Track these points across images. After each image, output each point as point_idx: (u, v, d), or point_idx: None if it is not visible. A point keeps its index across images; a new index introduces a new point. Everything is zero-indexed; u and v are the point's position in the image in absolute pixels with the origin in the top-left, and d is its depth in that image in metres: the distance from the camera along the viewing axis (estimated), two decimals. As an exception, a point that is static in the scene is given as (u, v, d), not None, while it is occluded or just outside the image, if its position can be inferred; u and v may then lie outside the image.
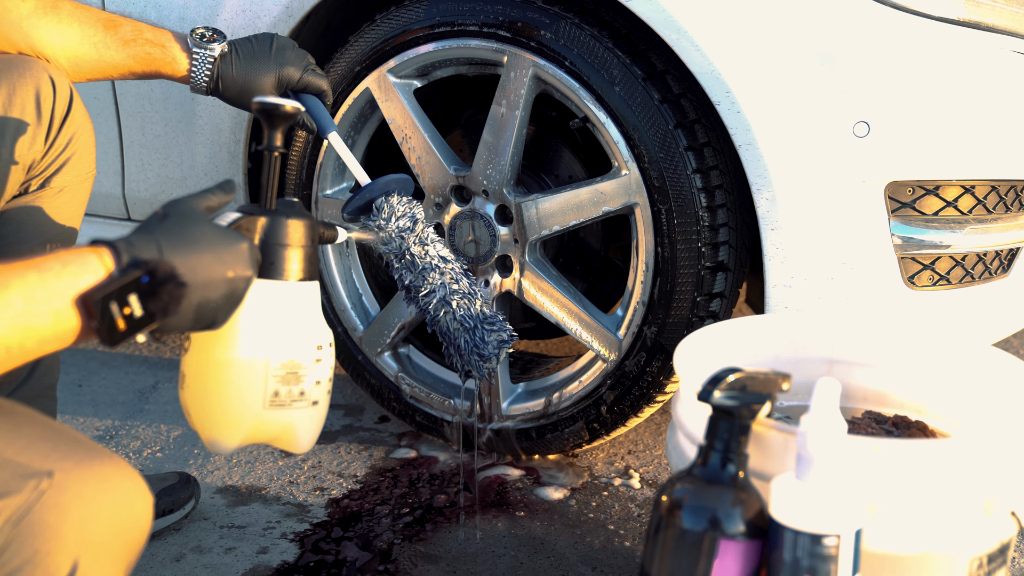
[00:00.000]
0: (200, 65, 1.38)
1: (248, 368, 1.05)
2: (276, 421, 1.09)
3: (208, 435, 1.09)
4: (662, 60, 1.54)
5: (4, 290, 0.79)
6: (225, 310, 0.94)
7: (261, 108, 1.10)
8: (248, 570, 1.52)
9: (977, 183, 1.50)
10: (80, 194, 1.36)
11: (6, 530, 0.80)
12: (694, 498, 0.96)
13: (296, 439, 1.12)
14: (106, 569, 0.84)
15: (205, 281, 0.90)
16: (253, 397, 1.06)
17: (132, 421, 2.00)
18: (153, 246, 0.87)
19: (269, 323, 1.06)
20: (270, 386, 1.06)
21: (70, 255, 0.84)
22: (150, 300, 0.85)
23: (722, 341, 1.29)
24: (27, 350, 0.81)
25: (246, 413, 1.07)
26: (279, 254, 1.07)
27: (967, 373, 1.28)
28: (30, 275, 0.81)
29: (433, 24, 1.65)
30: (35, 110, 1.26)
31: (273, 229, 1.06)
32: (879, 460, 0.98)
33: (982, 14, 1.47)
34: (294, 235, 1.08)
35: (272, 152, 1.12)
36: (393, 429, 1.97)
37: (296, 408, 1.09)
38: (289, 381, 1.07)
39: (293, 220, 1.08)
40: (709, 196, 1.53)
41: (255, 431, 1.09)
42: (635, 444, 1.91)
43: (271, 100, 1.09)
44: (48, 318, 0.81)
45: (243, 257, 0.94)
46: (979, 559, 1.02)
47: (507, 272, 1.73)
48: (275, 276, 1.06)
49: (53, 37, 1.31)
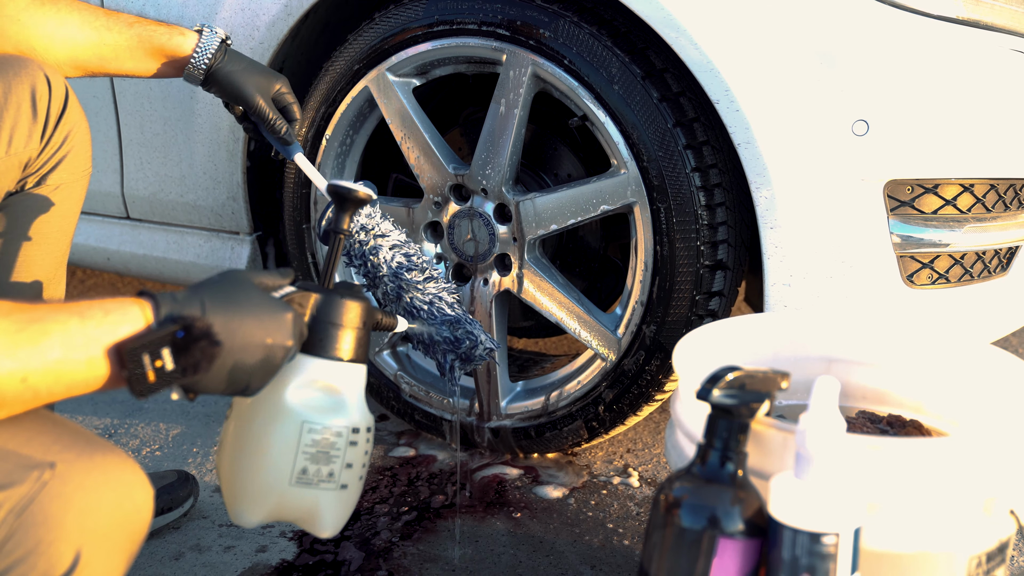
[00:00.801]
0: (206, 46, 1.39)
1: (278, 440, 1.04)
2: (301, 499, 1.07)
3: (232, 504, 1.08)
4: (661, 58, 1.54)
5: (44, 336, 0.80)
6: (259, 376, 0.93)
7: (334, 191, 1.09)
8: (247, 568, 1.52)
9: (976, 182, 1.50)
10: (76, 192, 1.36)
11: (9, 520, 0.81)
12: (693, 496, 0.96)
13: (320, 521, 1.09)
14: (108, 559, 0.85)
15: (242, 344, 0.90)
16: (280, 471, 1.05)
17: (131, 420, 2.00)
18: (197, 303, 0.88)
19: (308, 399, 1.05)
20: (299, 463, 1.05)
21: (113, 303, 0.85)
22: (182, 355, 0.86)
23: (721, 340, 1.29)
24: (54, 393, 0.82)
25: (272, 487, 1.05)
26: (329, 332, 1.05)
27: (966, 372, 1.27)
28: (72, 321, 0.82)
29: (432, 23, 1.65)
30: (31, 107, 1.26)
31: (327, 307, 1.05)
32: (878, 459, 0.98)
33: (981, 13, 1.47)
34: (348, 316, 1.06)
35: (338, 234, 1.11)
36: (392, 428, 1.97)
37: (323, 488, 1.06)
38: (319, 460, 1.05)
39: (348, 301, 1.06)
40: (708, 194, 1.53)
41: (279, 507, 1.07)
42: (634, 443, 1.91)
43: (345, 184, 1.09)
44: (82, 365, 0.82)
45: (286, 327, 0.94)
46: (978, 558, 1.02)
47: (506, 271, 1.73)
48: (322, 353, 1.05)
49: (51, 27, 1.31)
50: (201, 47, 1.39)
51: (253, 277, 0.98)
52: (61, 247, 1.36)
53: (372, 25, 1.71)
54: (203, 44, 1.39)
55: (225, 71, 1.40)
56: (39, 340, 0.80)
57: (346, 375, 1.07)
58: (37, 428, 0.87)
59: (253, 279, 0.97)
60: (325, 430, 1.05)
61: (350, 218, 1.11)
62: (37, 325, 0.80)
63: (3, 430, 0.85)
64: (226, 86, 1.41)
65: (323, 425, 1.05)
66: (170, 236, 2.05)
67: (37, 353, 0.79)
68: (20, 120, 1.25)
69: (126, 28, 1.36)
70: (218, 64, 1.40)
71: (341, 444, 1.06)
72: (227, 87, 1.41)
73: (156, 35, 1.38)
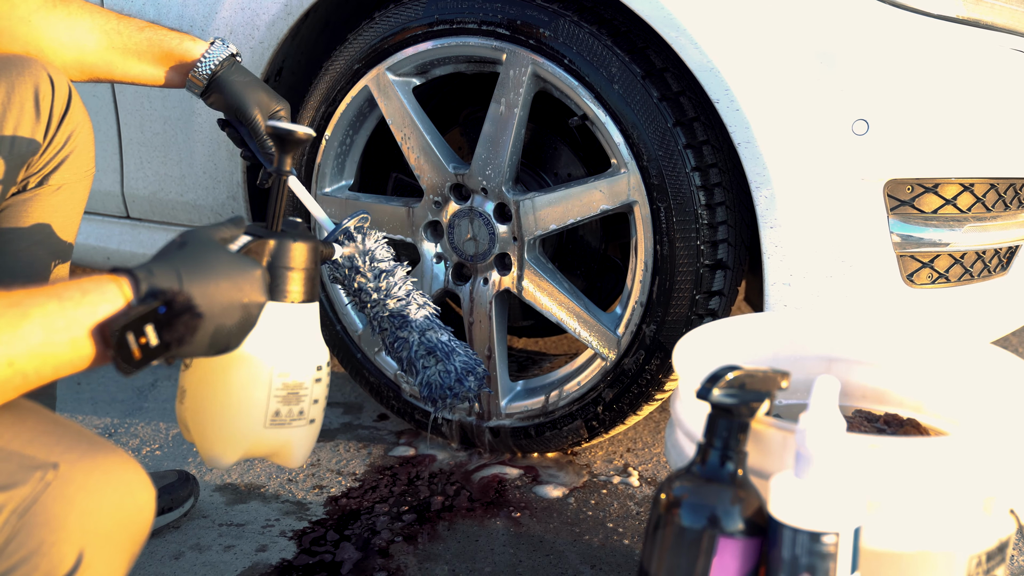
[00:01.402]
0: (215, 53, 1.39)
1: (250, 388, 1.08)
2: (275, 438, 1.11)
3: (207, 451, 1.11)
4: (661, 58, 1.54)
5: (24, 320, 0.80)
6: (238, 335, 0.94)
7: (274, 132, 1.11)
8: (247, 568, 1.52)
9: (976, 181, 1.50)
10: (79, 192, 1.36)
11: (12, 521, 0.81)
12: (693, 496, 0.96)
13: (292, 455, 1.14)
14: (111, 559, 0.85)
15: (221, 310, 0.91)
16: (254, 416, 1.08)
17: (131, 419, 2.00)
18: (173, 275, 0.88)
19: (272, 344, 1.08)
20: (271, 406, 1.09)
21: (90, 283, 0.85)
22: (166, 330, 0.86)
23: (721, 339, 1.29)
24: (43, 376, 0.82)
25: (247, 431, 1.09)
26: (284, 276, 1.09)
27: (966, 371, 1.27)
28: (50, 304, 0.82)
29: (432, 22, 1.65)
30: (34, 107, 1.26)
31: (280, 252, 1.09)
32: (878, 458, 0.98)
33: (981, 12, 1.47)
34: (299, 258, 1.10)
35: (282, 176, 1.14)
36: (392, 427, 1.97)
37: (295, 426, 1.11)
38: (290, 401, 1.09)
39: (298, 243, 1.10)
40: (708, 194, 1.53)
41: (253, 447, 1.11)
42: (634, 442, 1.91)
43: (284, 125, 1.11)
44: (66, 347, 0.82)
45: (257, 283, 0.95)
46: (978, 557, 1.02)
47: (506, 270, 1.73)
48: (280, 298, 1.09)
49: (61, 29, 1.32)
50: (209, 53, 1.39)
51: (214, 234, 0.98)
52: (64, 247, 1.36)
53: (372, 24, 1.71)
54: (212, 51, 1.39)
55: (228, 79, 1.39)
56: (20, 324, 0.80)
57: (305, 315, 1.11)
58: (40, 429, 0.87)
59: (215, 236, 0.98)
60: (293, 373, 1.09)
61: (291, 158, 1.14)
62: (15, 309, 0.80)
63: (5, 431, 0.85)
64: (227, 95, 1.39)
65: (291, 368, 1.09)
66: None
67: (19, 337, 0.80)
68: (23, 120, 1.25)
69: (136, 32, 1.37)
70: (223, 72, 1.39)
71: (308, 383, 1.10)
72: (228, 96, 1.39)
73: (167, 39, 1.38)
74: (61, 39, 1.32)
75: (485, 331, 1.76)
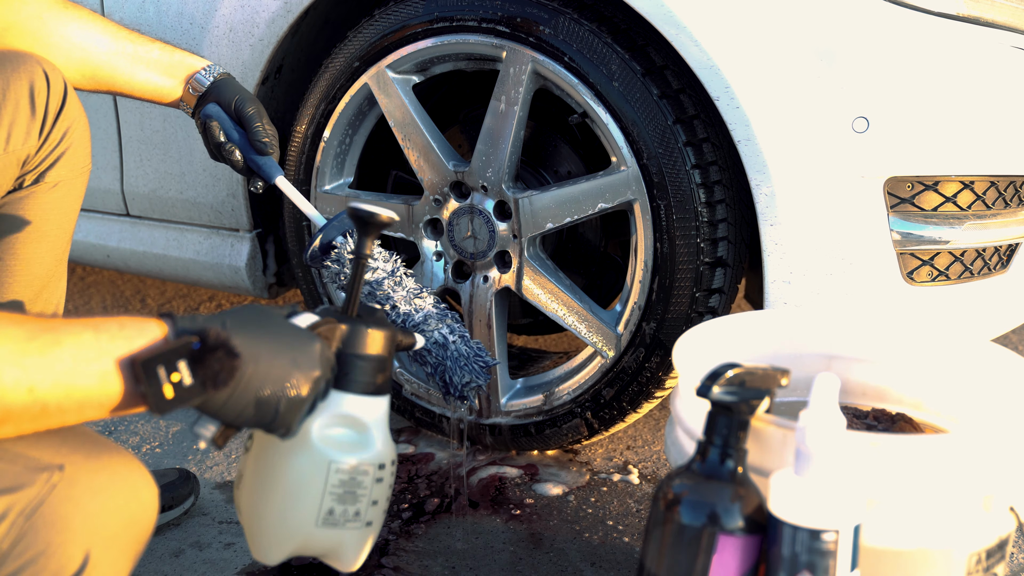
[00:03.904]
0: (215, 68, 1.44)
1: (305, 480, 1.00)
2: (326, 539, 1.03)
3: (254, 544, 1.05)
4: (661, 55, 1.54)
5: (55, 347, 0.78)
6: (290, 409, 0.89)
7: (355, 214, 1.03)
8: (247, 565, 1.52)
9: (976, 179, 1.50)
10: (76, 189, 1.36)
11: (19, 522, 0.81)
12: (693, 493, 0.96)
13: (344, 559, 1.06)
14: (116, 559, 0.85)
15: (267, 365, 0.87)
16: (307, 512, 1.00)
17: (131, 417, 2.00)
18: (217, 320, 0.86)
19: (334, 436, 1.01)
20: (326, 503, 1.00)
21: (131, 320, 0.83)
22: (199, 367, 0.83)
23: (721, 337, 1.29)
24: (64, 409, 0.80)
25: (297, 527, 1.01)
26: (356, 365, 1.01)
27: (966, 369, 1.27)
28: (86, 334, 0.80)
29: (432, 19, 1.65)
30: (29, 104, 1.26)
31: (353, 338, 1.00)
32: (878, 456, 0.98)
33: (982, 9, 1.47)
34: (373, 346, 1.01)
35: (361, 259, 1.04)
36: (392, 425, 1.97)
37: (349, 528, 1.03)
38: (346, 500, 1.01)
39: (375, 331, 1.01)
40: (708, 192, 1.53)
41: (304, 546, 1.04)
42: (634, 440, 1.91)
43: (367, 208, 1.02)
44: (94, 379, 0.80)
45: (313, 355, 0.91)
46: (978, 555, 1.02)
47: (506, 268, 1.73)
48: (348, 388, 1.00)
49: (72, 30, 1.34)
50: (213, 66, 1.43)
51: (278, 310, 0.95)
52: (61, 244, 1.36)
53: (372, 22, 1.71)
54: (213, 66, 1.44)
55: (228, 82, 1.42)
56: (50, 350, 0.78)
57: (373, 408, 1.03)
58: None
59: (277, 311, 0.95)
60: (352, 469, 1.01)
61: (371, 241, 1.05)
62: (49, 335, 0.79)
63: None
64: (224, 91, 1.41)
65: (350, 464, 1.01)
66: (170, 233, 2.05)
67: (46, 363, 0.77)
68: (18, 117, 1.25)
69: (148, 41, 1.41)
70: (220, 80, 1.42)
71: (368, 482, 1.02)
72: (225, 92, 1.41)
73: (174, 52, 1.42)
74: (72, 38, 1.33)
75: (485, 329, 1.76)
